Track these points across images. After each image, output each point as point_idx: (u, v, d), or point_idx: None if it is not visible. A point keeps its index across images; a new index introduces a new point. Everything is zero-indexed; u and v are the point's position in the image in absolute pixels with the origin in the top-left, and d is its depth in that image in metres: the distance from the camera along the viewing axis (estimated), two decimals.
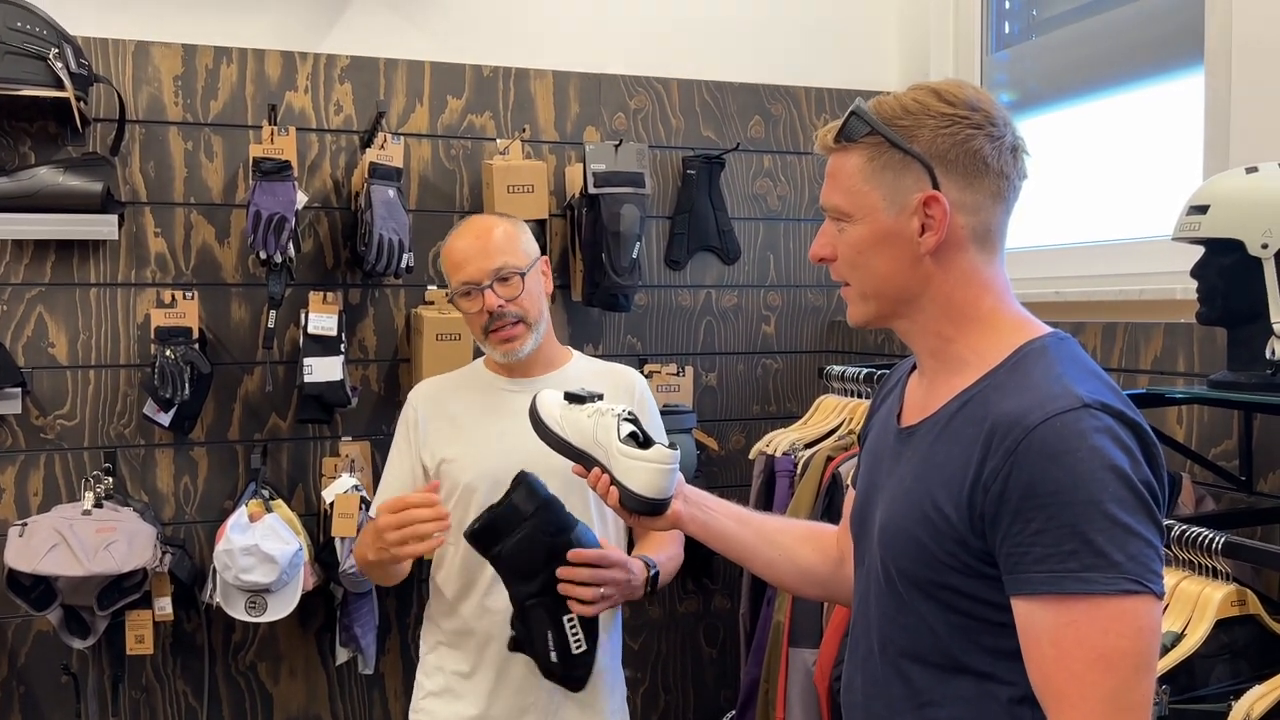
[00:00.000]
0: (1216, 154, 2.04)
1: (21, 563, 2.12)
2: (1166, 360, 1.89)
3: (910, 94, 1.12)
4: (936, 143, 1.09)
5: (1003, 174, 1.12)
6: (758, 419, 2.91)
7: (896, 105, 1.12)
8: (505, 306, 1.81)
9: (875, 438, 1.27)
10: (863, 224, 1.13)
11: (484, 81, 2.67)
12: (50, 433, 2.39)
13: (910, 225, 1.11)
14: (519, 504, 1.63)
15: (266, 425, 2.53)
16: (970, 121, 1.10)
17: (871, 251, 1.13)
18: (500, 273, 1.82)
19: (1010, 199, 1.14)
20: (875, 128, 1.11)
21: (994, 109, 1.12)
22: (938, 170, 1.09)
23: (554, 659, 1.67)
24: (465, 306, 1.85)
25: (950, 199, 1.10)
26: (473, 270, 1.82)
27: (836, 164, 1.16)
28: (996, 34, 2.83)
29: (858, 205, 1.13)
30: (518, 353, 1.84)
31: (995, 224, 1.13)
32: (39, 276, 2.37)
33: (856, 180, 1.13)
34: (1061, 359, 1.07)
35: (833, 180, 1.16)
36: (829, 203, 1.16)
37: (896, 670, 1.13)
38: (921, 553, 1.08)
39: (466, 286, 1.83)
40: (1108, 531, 0.96)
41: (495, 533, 1.64)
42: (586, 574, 1.64)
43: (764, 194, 2.92)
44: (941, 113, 1.10)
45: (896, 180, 1.11)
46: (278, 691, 2.56)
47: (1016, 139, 1.13)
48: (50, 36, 2.18)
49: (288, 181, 2.29)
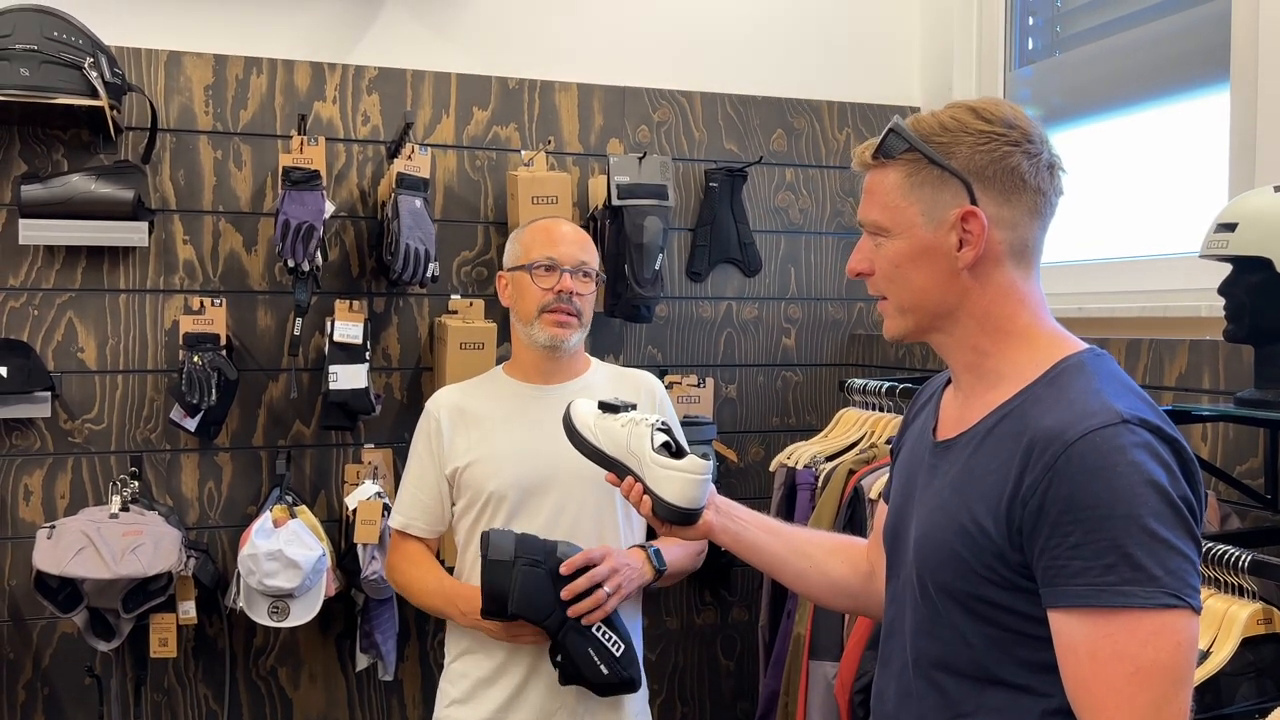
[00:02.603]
0: (1242, 171, 2.04)
1: (49, 564, 2.14)
2: (1191, 377, 1.89)
3: (948, 111, 1.14)
4: (974, 159, 1.11)
5: (1039, 190, 1.13)
6: (777, 431, 2.92)
7: (934, 122, 1.13)
8: (575, 296, 1.88)
9: (909, 451, 1.27)
10: (901, 239, 1.14)
11: (509, 93, 2.69)
12: (78, 436, 2.41)
13: (948, 240, 1.12)
14: (498, 556, 1.70)
15: (291, 431, 2.55)
16: (1007, 139, 1.11)
17: (909, 266, 1.14)
18: (584, 267, 1.91)
19: (1047, 215, 1.15)
20: (913, 144, 1.12)
21: (1031, 127, 1.13)
22: (975, 186, 1.11)
23: (605, 671, 1.72)
24: (539, 280, 1.89)
25: (988, 214, 1.11)
26: (564, 251, 1.90)
27: (875, 180, 1.17)
28: (1020, 50, 2.84)
29: (896, 220, 1.14)
30: (566, 341, 1.88)
31: (1032, 240, 1.15)
32: (69, 282, 2.40)
33: (895, 196, 1.14)
34: (1099, 374, 1.08)
35: (870, 196, 1.17)
36: (867, 218, 1.18)
37: (930, 682, 1.14)
38: (958, 565, 1.09)
39: (551, 260, 1.89)
40: (1146, 546, 0.96)
41: (498, 595, 1.70)
42: (585, 580, 1.71)
43: (785, 207, 2.93)
44: (979, 130, 1.11)
45: (935, 196, 1.12)
46: (298, 696, 2.58)
47: (1053, 156, 1.15)
48: (85, 46, 2.21)
49: (316, 191, 2.32)
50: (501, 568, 1.69)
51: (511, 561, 1.70)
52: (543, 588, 1.70)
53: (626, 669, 1.74)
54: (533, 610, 1.71)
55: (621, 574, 1.75)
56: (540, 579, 1.70)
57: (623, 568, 1.76)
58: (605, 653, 1.71)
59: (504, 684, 1.84)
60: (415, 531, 1.95)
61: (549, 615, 1.71)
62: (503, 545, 1.71)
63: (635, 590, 1.81)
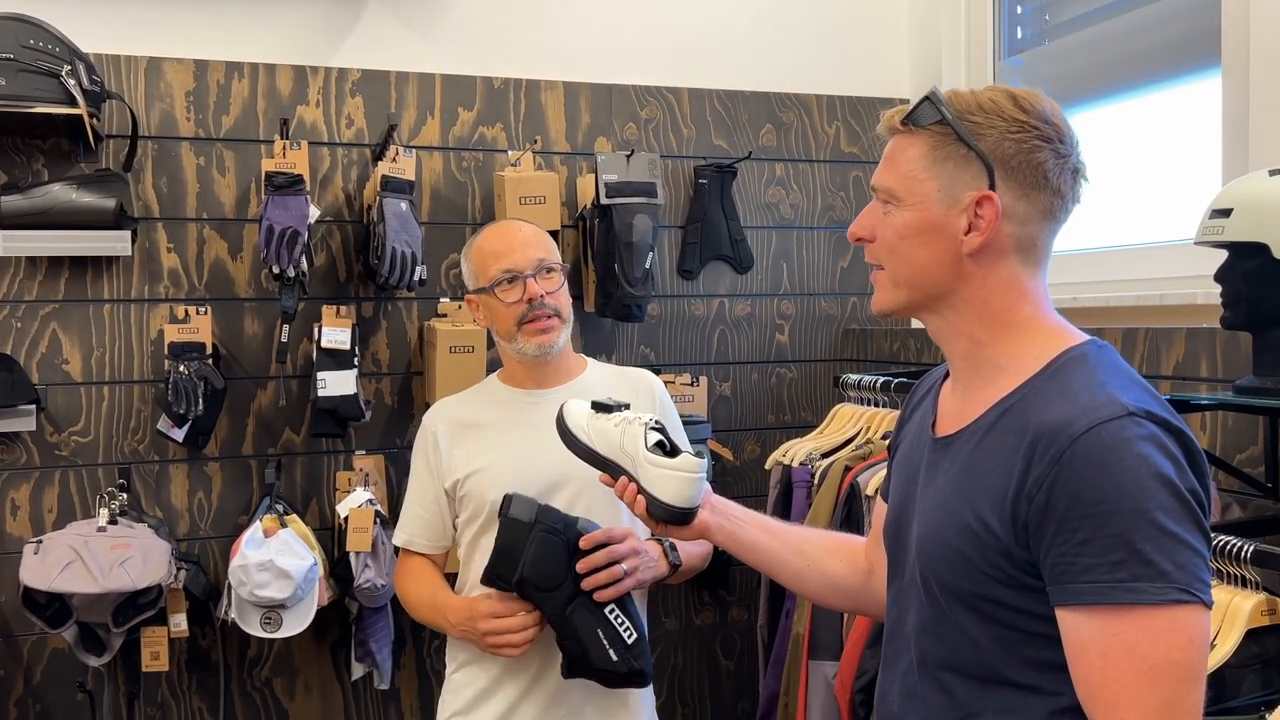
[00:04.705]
0: (1235, 157, 2.03)
1: (37, 580, 2.11)
2: (1189, 366, 1.87)
3: (987, 93, 1.11)
4: (1003, 146, 1.08)
5: (1059, 192, 1.11)
6: (772, 428, 2.90)
7: (971, 100, 1.11)
8: (546, 298, 1.81)
9: (908, 448, 1.25)
10: (911, 210, 1.12)
11: (495, 93, 2.66)
12: (65, 449, 2.38)
13: (957, 221, 1.10)
14: (518, 516, 1.64)
15: (280, 440, 2.52)
16: (1040, 133, 1.09)
17: (913, 239, 1.12)
18: (544, 264, 1.83)
19: (1060, 219, 1.13)
20: (945, 117, 1.10)
21: (1065, 127, 1.11)
22: (998, 173, 1.08)
23: (614, 658, 1.65)
24: (505, 296, 1.83)
25: (1003, 204, 1.09)
26: (517, 258, 1.82)
27: (898, 147, 1.14)
28: (1009, 39, 2.82)
29: (911, 191, 1.12)
30: (551, 346, 1.83)
31: (1041, 239, 1.13)
32: (52, 293, 2.37)
33: (916, 166, 1.12)
34: (1102, 366, 1.06)
35: (890, 163, 1.15)
36: (882, 184, 1.15)
37: (936, 682, 1.12)
38: (963, 564, 1.07)
39: (509, 273, 1.82)
40: (1156, 540, 0.94)
41: (510, 555, 1.63)
42: (604, 555, 1.65)
43: (776, 202, 2.91)
44: (1014, 117, 1.09)
45: (955, 174, 1.10)
46: (293, 707, 2.55)
47: (1080, 163, 1.12)
48: (63, 53, 2.18)
49: (300, 195, 2.29)
50: (519, 528, 1.63)
51: (531, 524, 1.63)
52: (558, 556, 1.63)
53: (637, 659, 1.67)
54: (543, 577, 1.63)
55: (640, 558, 1.70)
56: (557, 547, 1.64)
57: (643, 553, 1.71)
58: (616, 636, 1.64)
59: (505, 694, 1.81)
60: (417, 548, 1.92)
61: (558, 585, 1.64)
62: (524, 507, 1.65)
63: (649, 581, 1.75)
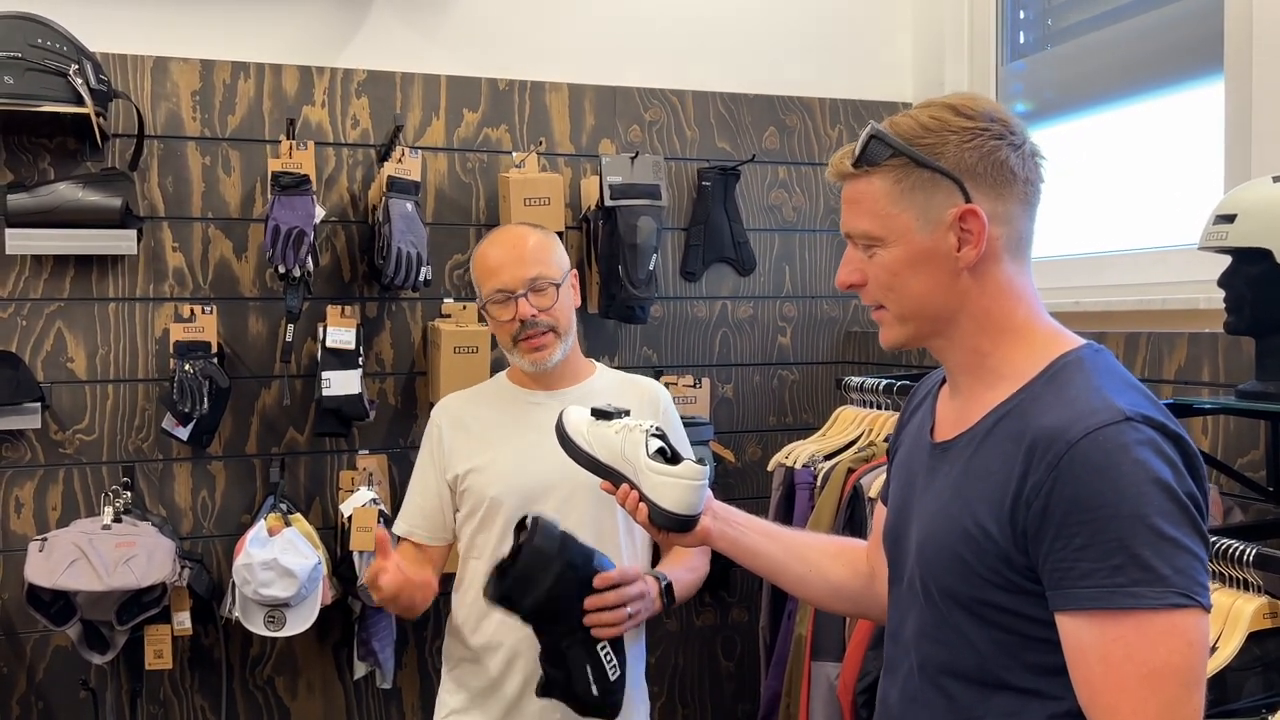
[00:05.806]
0: (1238, 162, 2.03)
1: (41, 578, 2.11)
2: (1191, 370, 1.88)
3: (926, 111, 1.11)
4: (963, 157, 1.08)
5: (1028, 181, 1.12)
6: (774, 430, 2.91)
7: (915, 124, 1.10)
8: (538, 316, 1.81)
9: (906, 453, 1.26)
10: (896, 246, 1.11)
11: (500, 95, 2.67)
12: (69, 448, 2.39)
13: (947, 242, 1.10)
14: (542, 545, 1.55)
15: (284, 439, 2.53)
16: (992, 133, 1.09)
17: (908, 273, 1.11)
18: (535, 283, 1.82)
19: (1035, 205, 1.14)
20: (899, 149, 1.09)
21: (1009, 118, 1.12)
22: (968, 184, 1.08)
23: (595, 692, 1.61)
24: (497, 314, 1.84)
25: (984, 211, 1.09)
26: (508, 278, 1.82)
27: (857, 190, 1.13)
28: (1011, 44, 2.82)
29: (889, 228, 1.11)
30: (547, 362, 1.83)
31: (1026, 232, 1.13)
32: (58, 292, 2.38)
33: (884, 204, 1.11)
34: (1099, 371, 1.06)
35: (855, 206, 1.13)
36: (856, 229, 1.14)
37: (936, 687, 1.12)
38: (962, 569, 1.07)
39: (501, 294, 1.82)
40: (1154, 545, 0.95)
41: (528, 584, 1.55)
42: (614, 597, 1.61)
43: (779, 205, 2.92)
44: (963, 127, 1.09)
45: (927, 199, 1.09)
46: (295, 706, 2.56)
47: (1033, 145, 1.13)
48: (70, 53, 2.18)
49: (306, 195, 2.30)
50: (543, 559, 1.54)
51: (554, 556, 1.55)
52: (570, 595, 1.58)
53: (613, 694, 1.64)
54: (555, 613, 1.58)
55: (644, 600, 1.67)
56: (574, 585, 1.58)
57: (645, 597, 1.67)
58: (602, 673, 1.61)
59: (502, 694, 1.82)
60: (416, 538, 1.92)
61: (560, 623, 1.59)
62: (549, 536, 1.56)
63: (643, 619, 1.73)
